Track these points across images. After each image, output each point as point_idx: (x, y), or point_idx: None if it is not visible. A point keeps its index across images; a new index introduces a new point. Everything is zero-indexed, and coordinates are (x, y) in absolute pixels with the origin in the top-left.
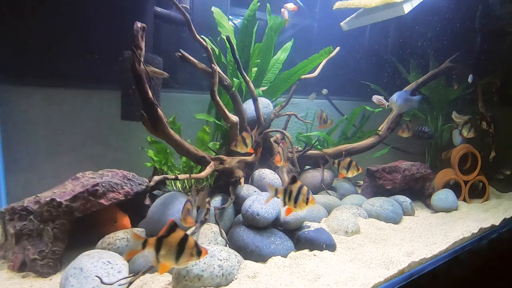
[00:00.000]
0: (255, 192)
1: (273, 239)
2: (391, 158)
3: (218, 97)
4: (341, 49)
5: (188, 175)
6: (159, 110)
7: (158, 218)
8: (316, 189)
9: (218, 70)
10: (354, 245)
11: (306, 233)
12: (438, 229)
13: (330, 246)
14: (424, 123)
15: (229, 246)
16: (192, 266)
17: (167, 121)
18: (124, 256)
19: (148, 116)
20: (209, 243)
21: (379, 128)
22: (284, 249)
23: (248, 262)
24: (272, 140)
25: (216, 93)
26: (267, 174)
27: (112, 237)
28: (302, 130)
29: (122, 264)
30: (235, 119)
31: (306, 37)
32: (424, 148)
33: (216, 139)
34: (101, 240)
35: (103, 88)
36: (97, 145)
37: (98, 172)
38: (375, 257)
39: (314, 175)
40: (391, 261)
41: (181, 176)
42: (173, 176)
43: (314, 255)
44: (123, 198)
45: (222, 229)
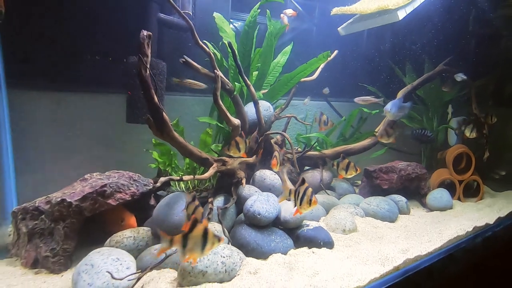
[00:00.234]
0: (256, 192)
1: (273, 237)
2: (388, 158)
3: (220, 101)
4: (339, 53)
5: (192, 176)
6: (164, 114)
7: (164, 218)
8: (315, 189)
9: (221, 75)
10: (351, 242)
11: (305, 231)
12: (433, 228)
13: (328, 243)
14: (426, 127)
15: (231, 244)
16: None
17: (171, 124)
18: (156, 253)
19: (154, 120)
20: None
21: (376, 130)
22: (284, 247)
23: (250, 259)
24: (272, 142)
25: (218, 97)
26: (268, 175)
27: (120, 236)
28: (301, 132)
29: (130, 261)
30: (237, 122)
31: (305, 40)
32: (420, 149)
33: (218, 141)
34: (109, 239)
35: (108, 91)
36: (103, 147)
37: (105, 174)
38: (371, 254)
39: (313, 175)
40: (387, 258)
41: (186, 177)
42: (178, 177)
43: (313, 253)
44: (129, 199)
45: (224, 228)
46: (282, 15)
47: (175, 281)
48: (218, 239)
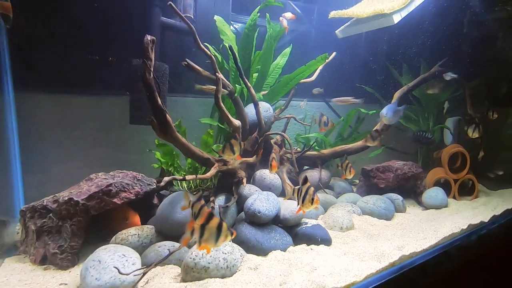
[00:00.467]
0: (257, 191)
1: (273, 235)
2: (386, 157)
3: (222, 103)
4: (337, 54)
5: (194, 176)
6: (167, 116)
7: (167, 216)
8: (314, 188)
9: (222, 77)
10: (348, 240)
11: (303, 229)
12: (428, 225)
13: (326, 241)
14: (427, 130)
15: (232, 241)
16: (199, 259)
17: (174, 125)
18: (180, 242)
19: (157, 122)
20: None
21: (373, 129)
22: (283, 244)
23: (250, 256)
24: (272, 142)
25: (220, 99)
26: (268, 175)
27: (125, 233)
28: (301, 132)
29: (135, 257)
30: (237, 123)
31: (304, 42)
32: (416, 148)
33: (220, 142)
34: (114, 236)
35: (112, 94)
36: (107, 147)
37: (110, 173)
38: (368, 250)
39: (312, 175)
40: (383, 254)
41: (188, 176)
42: (181, 177)
43: (311, 249)
44: (134, 198)
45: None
46: (281, 18)
47: (178, 276)
48: (231, 233)
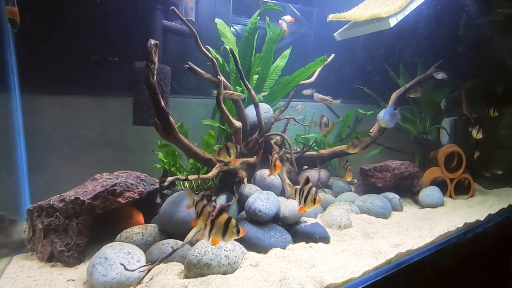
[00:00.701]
0: (257, 190)
1: (273, 233)
2: (383, 157)
3: (223, 105)
4: (336, 56)
5: (197, 175)
6: (170, 118)
7: (170, 215)
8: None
9: (223, 80)
10: (346, 238)
11: (303, 227)
12: (425, 224)
13: (324, 238)
14: (428, 132)
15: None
16: (202, 256)
17: (176, 126)
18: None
19: (161, 123)
20: None
21: (371, 130)
22: (283, 242)
23: (251, 253)
24: (272, 142)
25: (221, 101)
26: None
27: (129, 232)
28: (300, 132)
29: (140, 254)
30: (238, 124)
31: (303, 44)
32: (413, 148)
33: (221, 142)
34: (119, 234)
35: (116, 95)
36: (110, 148)
37: (114, 173)
38: (365, 248)
39: (311, 174)
40: (380, 252)
41: (191, 176)
42: (184, 177)
43: (310, 247)
44: (137, 197)
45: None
46: (280, 21)
47: (181, 273)
48: (237, 231)
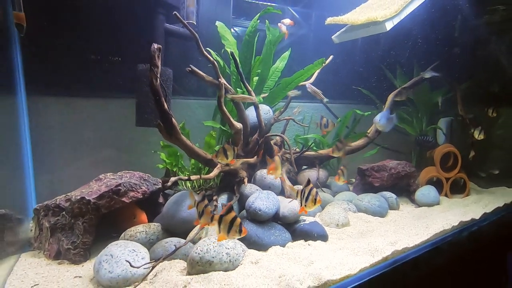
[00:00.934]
0: (257, 190)
1: (273, 231)
2: (381, 157)
3: (224, 107)
4: (334, 57)
5: (199, 176)
6: (173, 119)
7: (173, 214)
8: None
9: (224, 82)
10: (344, 236)
11: (302, 226)
12: (420, 222)
13: (322, 237)
14: (429, 134)
15: None
16: (204, 254)
17: (179, 127)
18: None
19: (164, 125)
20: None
21: (368, 131)
22: (283, 240)
23: (251, 251)
24: (272, 143)
25: (223, 104)
26: (268, 175)
27: (133, 230)
28: (299, 133)
29: (144, 252)
30: (239, 126)
31: (302, 46)
32: (410, 148)
33: (222, 143)
34: (123, 233)
35: (119, 97)
36: (113, 148)
37: (118, 174)
38: (362, 246)
39: (310, 174)
40: (376, 249)
41: (193, 177)
42: (186, 177)
43: (309, 245)
44: (141, 197)
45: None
46: (279, 24)
47: (184, 270)
48: (240, 230)
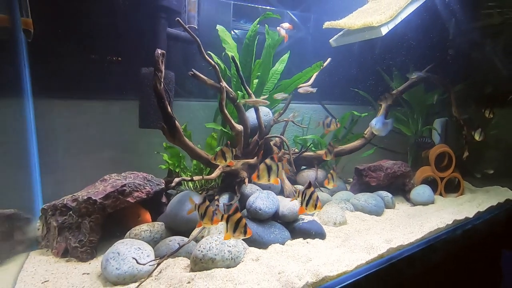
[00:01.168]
0: (257, 190)
1: (272, 230)
2: (378, 157)
3: (226, 110)
4: (332, 60)
5: (201, 176)
6: (176, 122)
7: (176, 214)
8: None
9: (225, 85)
10: (341, 234)
11: (300, 224)
12: (415, 220)
13: (320, 235)
14: (426, 135)
15: None
16: (207, 251)
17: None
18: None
19: (167, 128)
20: (219, 233)
21: (365, 132)
22: (282, 238)
23: (252, 249)
24: (272, 144)
25: (224, 106)
26: None
27: (138, 229)
28: (298, 134)
29: (149, 250)
30: (240, 128)
31: (301, 48)
32: (406, 148)
33: (223, 144)
34: (128, 232)
35: (122, 99)
36: (117, 149)
37: (122, 174)
38: (358, 243)
39: (309, 174)
40: (372, 247)
41: (196, 177)
42: (189, 178)
43: (307, 243)
44: (145, 197)
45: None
46: (278, 28)
47: (188, 267)
48: (245, 232)
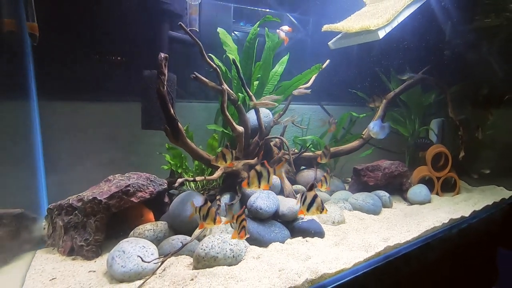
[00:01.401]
0: (258, 190)
1: (273, 229)
2: (376, 157)
3: (227, 112)
4: (331, 61)
5: (203, 177)
6: (179, 124)
7: (178, 213)
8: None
9: (227, 88)
10: (339, 232)
11: (300, 223)
12: (412, 219)
13: (319, 233)
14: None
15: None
16: (209, 250)
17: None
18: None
19: (170, 129)
20: (221, 232)
21: (363, 132)
22: (282, 237)
23: (253, 247)
24: (272, 144)
25: (225, 109)
26: None
27: (142, 229)
28: (298, 134)
29: (153, 248)
30: (241, 129)
31: (300, 50)
32: (404, 148)
33: (224, 145)
34: (132, 231)
35: (125, 100)
36: (120, 150)
37: (125, 175)
38: (356, 242)
39: (308, 174)
40: (370, 245)
41: (198, 178)
42: (192, 178)
43: (306, 241)
44: (148, 197)
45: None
46: (278, 31)
47: (191, 265)
48: (244, 233)
